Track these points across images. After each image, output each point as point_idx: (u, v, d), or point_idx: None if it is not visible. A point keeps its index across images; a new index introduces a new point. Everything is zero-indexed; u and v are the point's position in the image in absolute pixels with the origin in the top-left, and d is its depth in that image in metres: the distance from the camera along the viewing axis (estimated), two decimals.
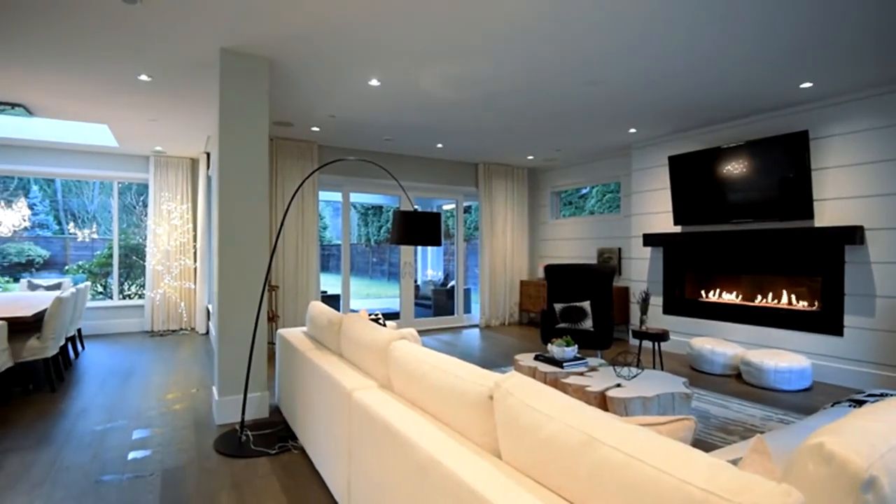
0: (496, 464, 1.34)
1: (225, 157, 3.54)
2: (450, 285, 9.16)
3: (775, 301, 5.10)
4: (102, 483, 2.61)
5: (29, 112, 5.03)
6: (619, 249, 6.96)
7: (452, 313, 8.10)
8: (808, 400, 4.12)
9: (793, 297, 4.97)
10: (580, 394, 3.21)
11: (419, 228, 3.10)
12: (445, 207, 10.57)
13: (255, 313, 3.57)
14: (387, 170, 3.78)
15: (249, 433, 3.22)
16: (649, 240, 5.99)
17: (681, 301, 5.87)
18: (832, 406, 2.29)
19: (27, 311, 4.10)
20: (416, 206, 3.46)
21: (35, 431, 3.30)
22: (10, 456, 2.91)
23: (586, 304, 5.03)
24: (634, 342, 6.38)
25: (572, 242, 7.80)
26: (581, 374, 3.61)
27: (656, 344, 5.01)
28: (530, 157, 7.48)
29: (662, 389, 3.21)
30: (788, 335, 4.86)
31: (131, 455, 2.96)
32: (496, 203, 8.00)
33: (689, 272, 5.83)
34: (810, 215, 4.64)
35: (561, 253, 8.03)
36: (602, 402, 3.14)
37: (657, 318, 6.09)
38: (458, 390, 1.60)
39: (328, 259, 13.05)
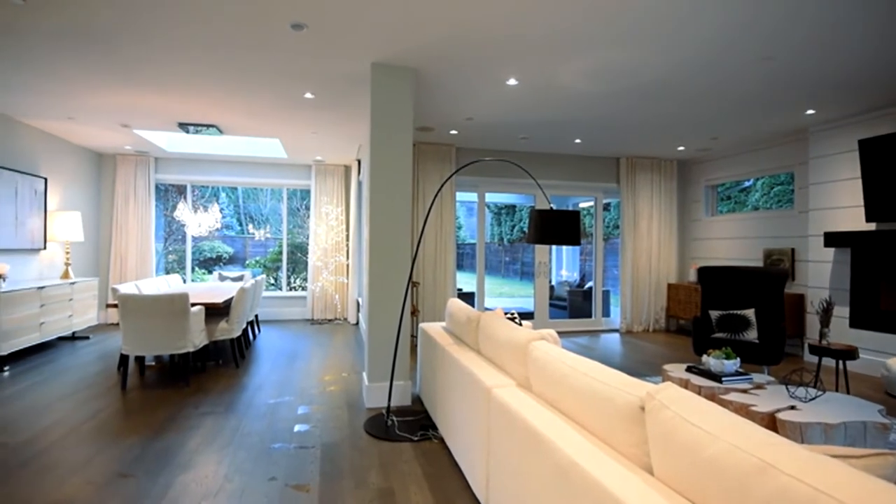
0: (647, 479, 1.25)
1: (375, 163, 3.83)
2: (587, 286, 8.81)
3: None
4: (274, 450, 2.99)
5: (220, 131, 5.98)
6: (793, 250, 6.04)
7: (590, 316, 7.77)
8: None
9: None
10: (743, 413, 2.85)
11: (557, 227, 3.02)
12: (582, 205, 10.19)
13: (399, 307, 3.81)
14: (525, 169, 3.75)
15: (395, 419, 3.44)
16: (833, 239, 5.10)
17: (874, 313, 4.89)
18: None
19: (219, 299, 4.88)
20: (552, 205, 3.38)
21: (224, 400, 3.91)
22: (207, 419, 3.49)
23: (750, 313, 4.45)
24: (811, 359, 5.49)
25: (731, 242, 6.97)
26: (744, 391, 3.21)
27: (840, 362, 4.26)
28: (681, 148, 6.85)
29: (850, 416, 2.71)
30: None
31: (296, 428, 3.35)
32: (640, 199, 7.48)
33: (885, 278, 4.83)
34: None
35: (717, 254, 7.22)
36: (770, 424, 2.75)
37: (842, 333, 5.16)
38: (603, 396, 1.53)
39: (462, 258, 13.43)
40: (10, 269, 5.42)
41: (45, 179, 6.02)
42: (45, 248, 6.06)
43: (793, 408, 2.83)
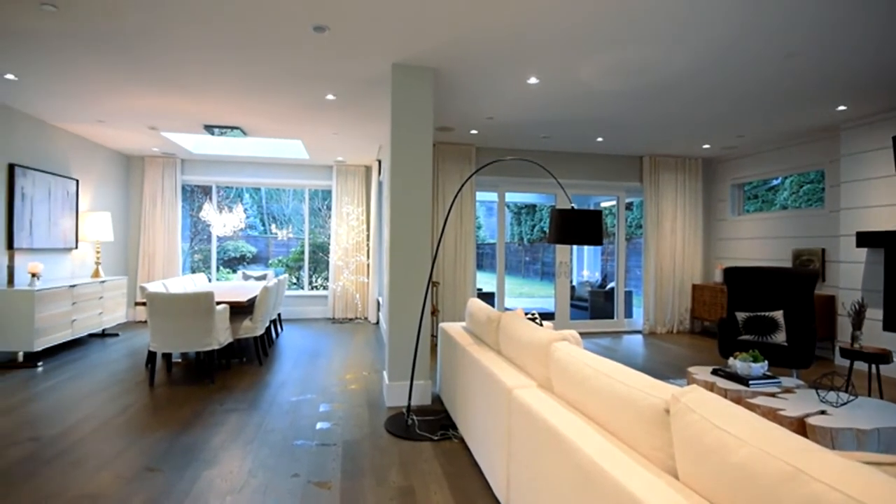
0: (672, 483, 1.23)
1: (395, 163, 3.84)
2: (608, 287, 8.70)
3: None
4: (296, 447, 3.03)
5: (244, 133, 6.08)
6: (823, 251, 5.87)
7: (612, 317, 7.67)
8: None
9: None
10: (771, 417, 2.78)
11: (579, 227, 2.99)
12: (604, 205, 10.07)
13: (420, 307, 3.82)
14: (546, 168, 3.73)
15: (415, 418, 3.45)
16: (866, 239, 4.93)
17: None
18: None
19: (243, 298, 4.96)
20: (573, 204, 3.35)
21: (247, 397, 3.98)
22: (231, 415, 3.56)
23: (778, 315, 4.34)
24: (842, 363, 5.32)
25: (758, 242, 6.80)
26: (772, 394, 3.13)
27: (873, 366, 4.13)
28: (706, 147, 6.71)
29: (884, 422, 2.62)
30: None
31: (318, 425, 3.39)
32: (664, 198, 7.35)
33: None
34: None
35: (744, 254, 7.05)
36: (799, 429, 2.67)
37: (875, 336, 4.99)
38: (626, 399, 1.50)
39: (482, 258, 13.39)
40: (44, 268, 5.61)
41: (77, 181, 6.21)
42: (76, 247, 6.25)
43: (823, 413, 2.75)
